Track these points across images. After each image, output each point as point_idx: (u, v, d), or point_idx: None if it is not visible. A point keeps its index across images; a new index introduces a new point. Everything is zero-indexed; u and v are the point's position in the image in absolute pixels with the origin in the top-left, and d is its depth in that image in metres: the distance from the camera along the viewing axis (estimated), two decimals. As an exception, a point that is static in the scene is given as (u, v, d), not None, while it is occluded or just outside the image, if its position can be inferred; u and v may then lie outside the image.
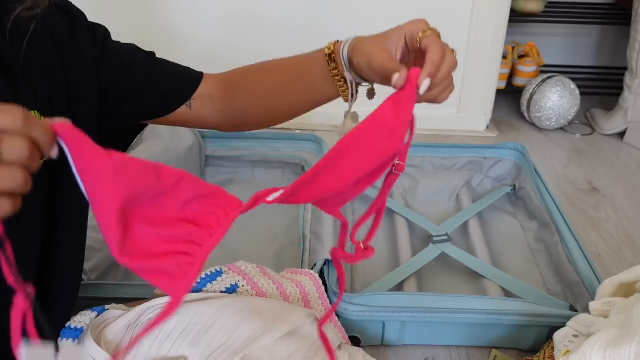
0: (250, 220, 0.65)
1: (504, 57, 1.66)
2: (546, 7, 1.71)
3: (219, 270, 0.67)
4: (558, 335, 0.72)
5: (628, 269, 0.74)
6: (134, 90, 0.67)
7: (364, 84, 0.61)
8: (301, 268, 0.86)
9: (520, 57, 1.72)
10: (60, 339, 0.64)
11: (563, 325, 0.74)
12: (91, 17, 0.66)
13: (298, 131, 1.55)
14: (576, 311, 0.82)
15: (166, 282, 0.43)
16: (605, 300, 0.72)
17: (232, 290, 0.66)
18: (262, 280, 0.69)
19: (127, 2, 1.47)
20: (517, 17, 1.65)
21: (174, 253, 0.43)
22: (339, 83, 0.62)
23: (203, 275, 0.66)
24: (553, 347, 0.73)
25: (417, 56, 0.57)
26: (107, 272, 0.97)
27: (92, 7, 0.70)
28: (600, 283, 0.78)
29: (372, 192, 1.22)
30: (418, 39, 0.54)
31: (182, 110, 0.70)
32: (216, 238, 0.44)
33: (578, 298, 0.88)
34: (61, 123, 0.37)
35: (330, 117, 1.60)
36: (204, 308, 0.64)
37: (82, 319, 0.67)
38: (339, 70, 0.61)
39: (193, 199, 0.44)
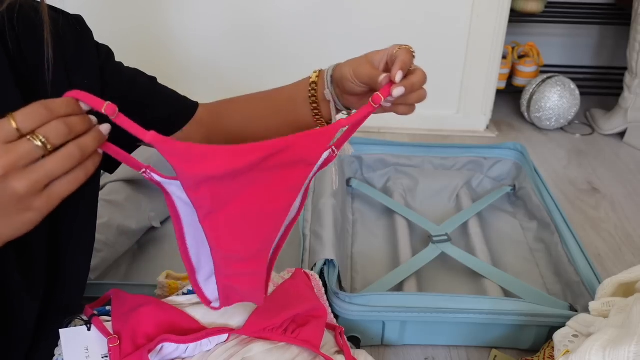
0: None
1: (504, 57, 1.66)
2: (546, 7, 1.71)
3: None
4: (558, 335, 0.72)
5: (628, 268, 0.74)
6: (132, 110, 0.68)
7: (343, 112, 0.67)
8: (301, 268, 0.86)
9: (520, 57, 1.72)
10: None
11: (563, 325, 0.74)
12: (91, 21, 0.66)
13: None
14: (576, 311, 0.82)
15: None
16: (605, 300, 0.72)
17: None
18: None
19: (128, 5, 1.47)
20: (517, 17, 1.65)
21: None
22: (314, 105, 0.67)
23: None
24: (553, 347, 0.73)
25: None
26: (107, 272, 0.98)
27: (92, 11, 0.70)
28: (599, 283, 0.78)
29: (375, 187, 1.22)
30: (394, 54, 0.58)
31: (175, 134, 0.73)
32: None
33: (578, 298, 0.88)
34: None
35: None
36: None
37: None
38: (317, 96, 0.66)
39: None
